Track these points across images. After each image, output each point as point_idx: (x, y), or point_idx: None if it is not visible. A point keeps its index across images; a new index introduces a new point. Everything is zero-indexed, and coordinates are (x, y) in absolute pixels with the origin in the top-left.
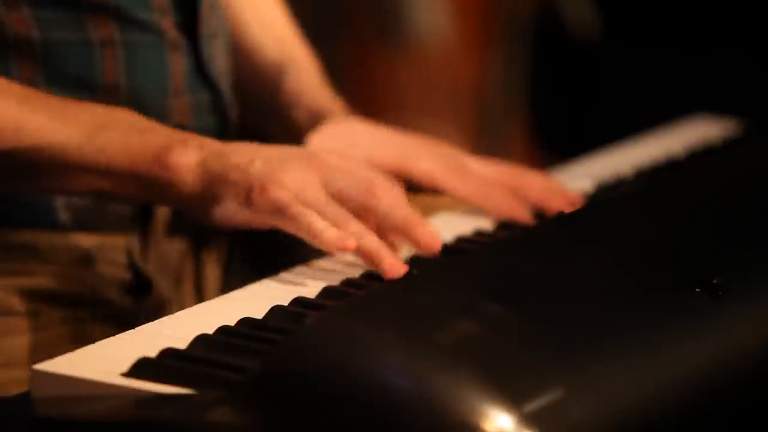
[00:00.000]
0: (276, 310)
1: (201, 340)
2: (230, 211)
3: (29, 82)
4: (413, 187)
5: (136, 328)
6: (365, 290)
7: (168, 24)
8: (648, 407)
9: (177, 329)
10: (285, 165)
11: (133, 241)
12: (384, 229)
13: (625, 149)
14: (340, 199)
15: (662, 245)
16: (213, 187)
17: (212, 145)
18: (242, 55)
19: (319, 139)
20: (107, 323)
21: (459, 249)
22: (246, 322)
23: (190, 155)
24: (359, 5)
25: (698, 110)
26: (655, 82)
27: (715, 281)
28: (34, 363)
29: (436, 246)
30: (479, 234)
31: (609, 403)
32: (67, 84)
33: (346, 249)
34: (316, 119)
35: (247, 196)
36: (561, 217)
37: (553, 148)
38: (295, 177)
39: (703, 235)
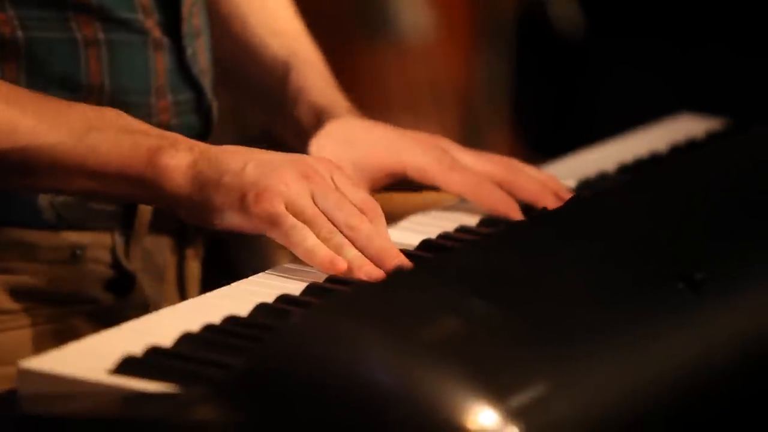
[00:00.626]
0: (261, 308)
1: (186, 337)
2: (221, 215)
3: (13, 82)
4: (410, 185)
5: (122, 325)
6: (350, 287)
7: (151, 23)
8: (632, 402)
9: (162, 327)
10: (278, 172)
11: (117, 239)
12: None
13: (609, 147)
14: (324, 215)
15: (645, 241)
16: (204, 190)
17: (203, 147)
18: (248, 53)
19: (320, 142)
20: (92, 321)
21: (443, 245)
22: (231, 320)
23: (180, 157)
24: (342, 2)
25: (683, 109)
26: (639, 81)
27: (697, 276)
28: (20, 360)
29: None
30: (463, 230)
31: (593, 398)
32: (51, 84)
33: (336, 271)
34: (317, 116)
35: (241, 201)
36: (545, 213)
37: (536, 146)
38: (289, 185)
39: (686, 230)
